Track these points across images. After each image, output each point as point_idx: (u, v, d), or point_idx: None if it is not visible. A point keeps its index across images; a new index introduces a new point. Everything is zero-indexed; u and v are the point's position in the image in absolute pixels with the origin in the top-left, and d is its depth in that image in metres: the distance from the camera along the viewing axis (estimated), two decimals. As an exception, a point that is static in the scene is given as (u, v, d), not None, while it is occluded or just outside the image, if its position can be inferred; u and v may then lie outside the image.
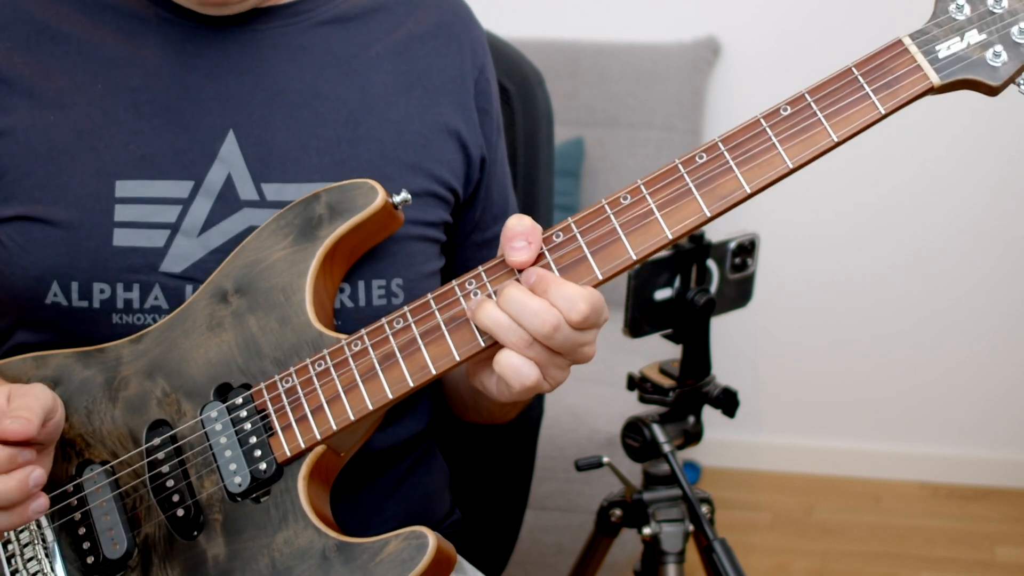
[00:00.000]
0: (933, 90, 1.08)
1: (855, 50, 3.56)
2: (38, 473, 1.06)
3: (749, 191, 1.07)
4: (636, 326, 1.59)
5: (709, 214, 1.07)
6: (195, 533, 1.12)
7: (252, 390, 1.12)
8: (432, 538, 1.06)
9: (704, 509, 1.63)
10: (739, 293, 1.69)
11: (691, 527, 1.63)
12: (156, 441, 1.13)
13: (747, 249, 1.67)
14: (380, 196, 1.15)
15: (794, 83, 3.53)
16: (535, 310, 1.03)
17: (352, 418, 1.09)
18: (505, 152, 1.39)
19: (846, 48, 3.05)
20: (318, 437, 1.10)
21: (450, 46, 1.30)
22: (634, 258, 1.07)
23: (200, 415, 1.13)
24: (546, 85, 1.62)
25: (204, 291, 1.16)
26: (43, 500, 1.07)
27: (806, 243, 3.18)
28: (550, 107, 1.62)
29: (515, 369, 1.04)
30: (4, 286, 1.20)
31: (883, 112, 1.07)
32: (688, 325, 1.62)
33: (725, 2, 3.15)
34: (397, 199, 1.17)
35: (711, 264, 1.63)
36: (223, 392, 1.14)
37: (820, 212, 3.14)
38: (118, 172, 1.19)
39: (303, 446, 1.10)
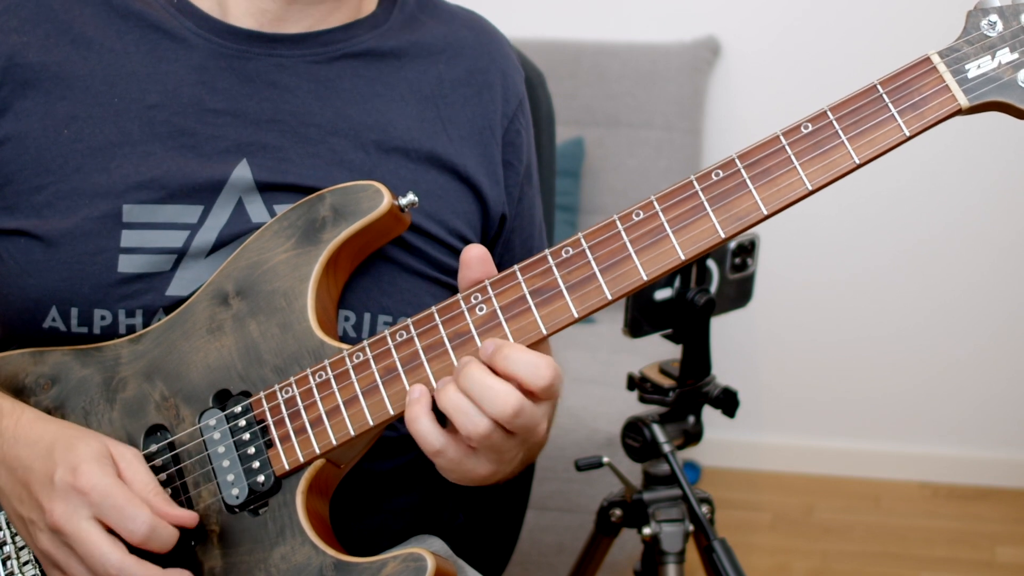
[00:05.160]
0: (961, 112, 1.03)
1: (855, 50, 3.55)
2: None
3: (766, 212, 1.03)
4: (636, 326, 1.59)
5: (724, 235, 1.03)
6: (191, 544, 1.10)
7: (251, 399, 1.11)
8: (431, 560, 1.04)
9: (704, 509, 1.63)
10: (739, 293, 1.69)
11: (691, 527, 1.63)
12: (153, 448, 1.12)
13: (747, 249, 1.67)
14: (386, 199, 1.12)
15: (794, 83, 3.53)
16: (497, 391, 0.99)
17: (352, 433, 1.07)
18: (535, 201, 1.36)
19: (846, 48, 3.06)
20: (317, 451, 1.08)
21: (481, 95, 1.27)
22: (644, 279, 1.04)
23: (199, 422, 1.11)
24: (547, 85, 1.62)
25: (204, 292, 1.15)
26: None
27: (806, 243, 3.18)
28: (551, 107, 1.62)
29: (424, 434, 1.02)
30: (0, 304, 1.18)
31: (908, 135, 1.02)
32: (688, 325, 1.62)
33: (725, 2, 3.15)
34: (403, 202, 1.14)
35: (711, 264, 1.63)
36: (222, 399, 1.12)
37: (820, 212, 3.14)
38: (126, 195, 1.15)
39: (302, 460, 1.08)
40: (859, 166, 1.03)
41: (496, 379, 1.00)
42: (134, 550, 1.04)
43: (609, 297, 1.04)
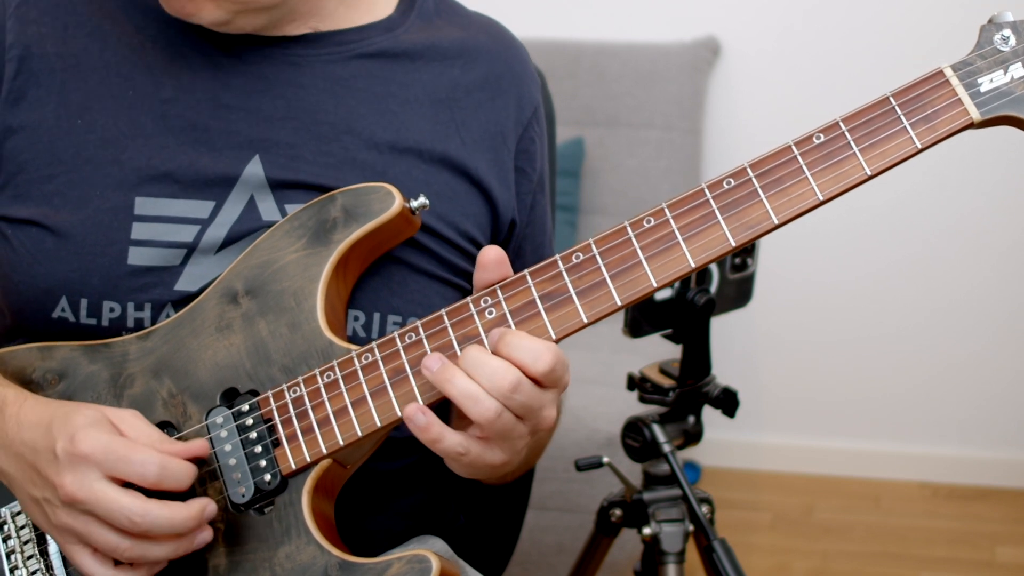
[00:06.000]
0: (973, 125, 1.03)
1: (855, 50, 3.55)
2: (213, 507, 1.06)
3: (777, 221, 1.04)
4: (636, 326, 1.59)
5: (734, 243, 1.04)
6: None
7: (259, 398, 1.11)
8: (435, 562, 1.04)
9: (704, 509, 1.63)
10: (739, 293, 1.69)
11: (691, 527, 1.63)
12: None
13: (747, 249, 1.67)
14: (397, 201, 1.13)
15: (794, 83, 3.53)
16: (494, 368, 1.00)
17: (360, 434, 1.08)
18: (547, 209, 1.36)
19: (846, 49, 3.07)
20: (324, 452, 1.08)
21: (495, 101, 1.27)
22: (654, 285, 1.04)
23: (206, 420, 1.12)
24: (547, 85, 1.62)
25: (214, 290, 1.15)
26: (208, 532, 1.06)
27: (806, 243, 3.18)
28: (551, 107, 1.62)
29: (451, 448, 1.02)
30: (10, 292, 1.18)
31: (920, 147, 1.03)
32: (688, 325, 1.62)
33: (725, 2, 3.15)
34: (415, 204, 1.14)
35: (711, 264, 1.63)
36: (230, 397, 1.12)
37: (820, 213, 3.13)
38: (139, 188, 1.16)
39: (309, 460, 1.08)
40: (870, 177, 1.03)
41: (492, 357, 1.01)
42: (153, 495, 1.04)
43: (619, 303, 1.05)
